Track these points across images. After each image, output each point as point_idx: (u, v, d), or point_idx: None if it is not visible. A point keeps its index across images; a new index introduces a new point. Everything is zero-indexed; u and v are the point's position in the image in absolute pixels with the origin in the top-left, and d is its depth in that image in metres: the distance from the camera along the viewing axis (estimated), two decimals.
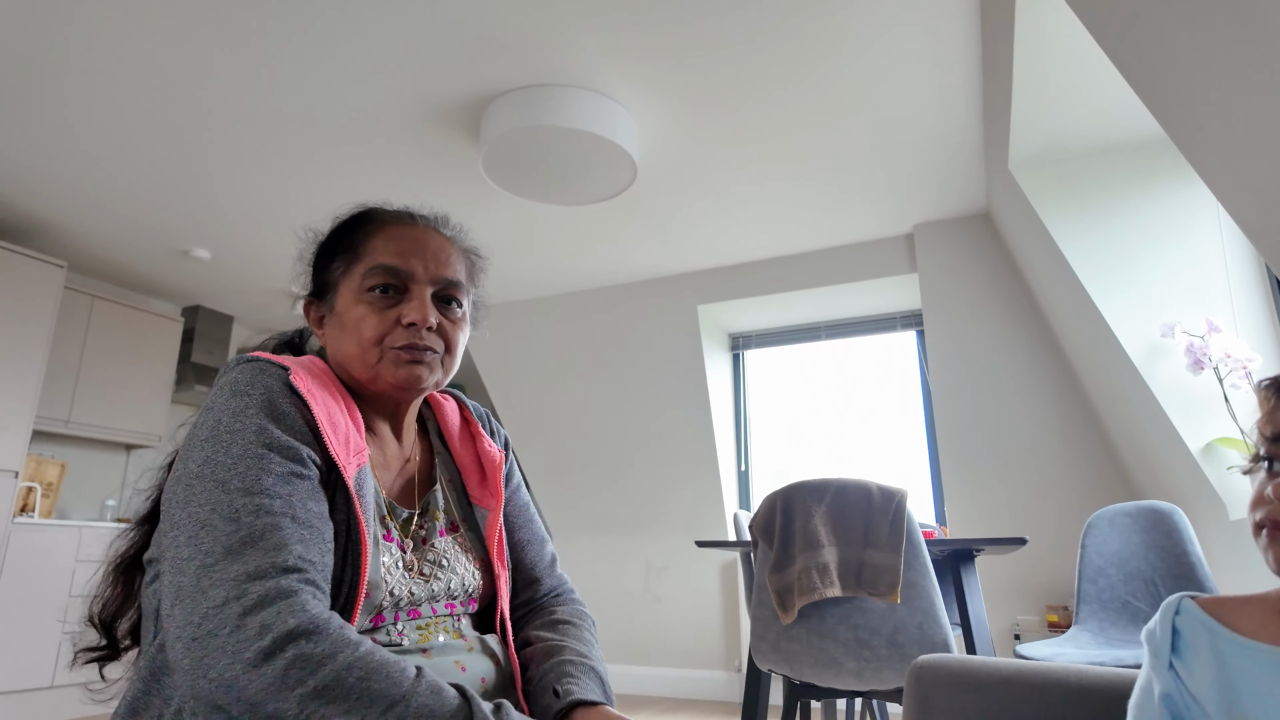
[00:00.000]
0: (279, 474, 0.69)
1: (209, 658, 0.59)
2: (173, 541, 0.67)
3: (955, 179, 3.30)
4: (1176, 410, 2.44)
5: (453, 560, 0.87)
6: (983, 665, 0.93)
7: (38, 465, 3.93)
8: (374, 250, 0.86)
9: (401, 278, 0.85)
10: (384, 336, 0.83)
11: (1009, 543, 1.77)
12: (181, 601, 0.62)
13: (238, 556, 0.64)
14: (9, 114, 2.81)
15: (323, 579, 0.68)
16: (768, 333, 4.56)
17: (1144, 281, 2.61)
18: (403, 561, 0.82)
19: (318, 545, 0.69)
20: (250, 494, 0.67)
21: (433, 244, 0.88)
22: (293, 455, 0.71)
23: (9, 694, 3.33)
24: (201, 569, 0.64)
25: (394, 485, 0.89)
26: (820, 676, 1.67)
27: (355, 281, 0.85)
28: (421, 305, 0.84)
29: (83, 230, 3.78)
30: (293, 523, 0.68)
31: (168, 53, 2.47)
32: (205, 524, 0.66)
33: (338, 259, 0.88)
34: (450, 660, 0.80)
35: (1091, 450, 3.32)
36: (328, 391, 0.80)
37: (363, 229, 0.89)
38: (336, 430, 0.77)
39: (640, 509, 4.40)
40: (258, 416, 0.72)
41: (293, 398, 0.75)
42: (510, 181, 2.97)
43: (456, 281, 0.88)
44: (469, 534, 0.92)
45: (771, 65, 2.53)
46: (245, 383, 0.74)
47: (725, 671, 4.01)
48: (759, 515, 1.77)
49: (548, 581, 0.99)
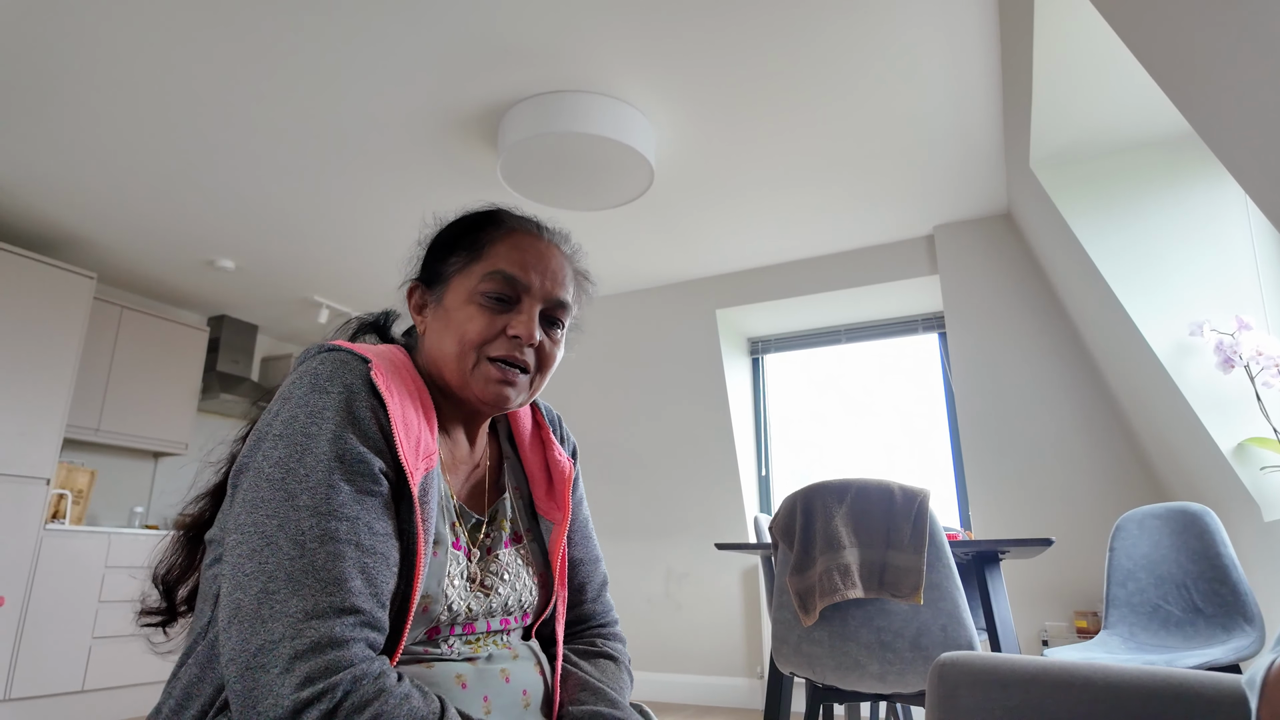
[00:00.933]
0: (349, 492, 0.69)
1: (258, 690, 0.62)
2: (235, 547, 0.68)
3: (975, 179, 3.27)
4: (1206, 410, 2.39)
5: (513, 575, 0.86)
6: (1008, 663, 0.91)
7: (68, 473, 4.00)
8: (497, 255, 0.85)
9: (517, 289, 0.84)
10: (486, 342, 0.83)
11: (1035, 544, 1.74)
12: (240, 623, 0.65)
13: (298, 588, 0.65)
14: (42, 130, 2.88)
15: (380, 613, 0.69)
16: (787, 337, 4.54)
17: (1171, 280, 2.57)
18: (466, 571, 0.81)
19: (381, 571, 0.70)
20: (318, 515, 0.67)
21: (552, 261, 0.88)
22: (365, 470, 0.71)
23: (41, 698, 3.38)
24: (263, 594, 0.65)
25: (463, 489, 0.88)
26: (843, 679, 1.66)
27: (472, 281, 0.85)
28: (530, 320, 0.84)
29: (112, 242, 3.86)
30: (357, 550, 0.68)
31: (191, 66, 2.51)
32: (271, 541, 0.67)
33: (458, 254, 0.88)
34: (497, 669, 0.80)
35: (1119, 452, 3.26)
36: (406, 388, 0.79)
37: (489, 230, 0.88)
38: (409, 433, 0.76)
39: (660, 515, 4.39)
40: (334, 420, 0.71)
41: (370, 398, 0.74)
42: (528, 188, 2.99)
43: (566, 303, 0.88)
44: (532, 545, 0.90)
45: (788, 68, 2.53)
46: (326, 377, 0.73)
47: (747, 678, 3.98)
48: (779, 517, 1.76)
49: (595, 608, 0.98)
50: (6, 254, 3.56)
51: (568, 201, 3.11)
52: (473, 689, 0.77)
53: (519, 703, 0.80)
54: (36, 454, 3.54)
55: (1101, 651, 2.12)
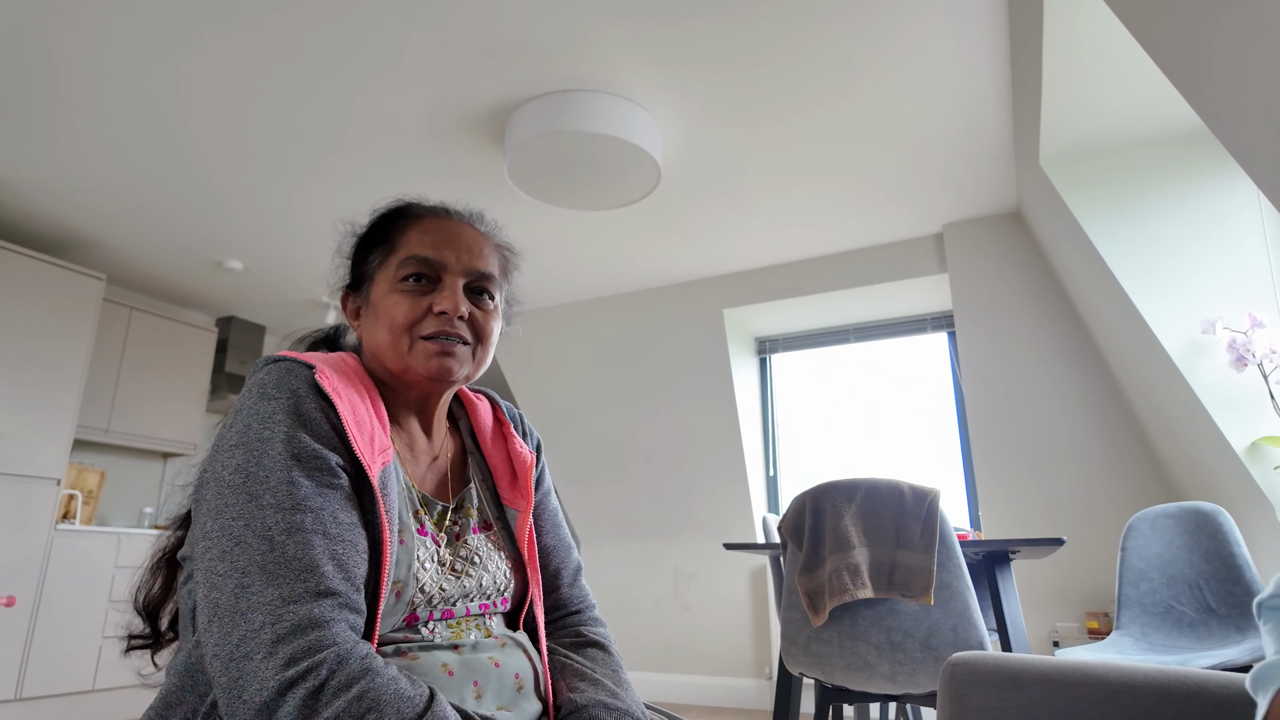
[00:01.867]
0: (310, 486, 0.71)
1: (243, 679, 0.62)
2: (206, 552, 0.69)
3: (985, 177, 3.25)
4: (1219, 409, 2.37)
5: (485, 557, 0.87)
6: (1020, 662, 0.90)
7: (78, 473, 4.02)
8: (409, 242, 0.88)
9: (434, 268, 0.86)
10: (415, 323, 0.84)
11: (1046, 543, 1.72)
12: (219, 619, 0.65)
13: (273, 579, 0.66)
14: (52, 132, 2.89)
15: (356, 595, 0.70)
16: (795, 336, 4.52)
17: (1183, 277, 2.54)
18: (437, 556, 0.82)
19: (351, 558, 0.71)
20: (282, 510, 0.68)
21: (466, 237, 0.90)
22: (322, 465, 0.72)
23: (52, 697, 3.40)
24: (239, 589, 0.65)
25: (425, 479, 0.89)
26: (853, 680, 1.64)
27: (390, 272, 0.87)
28: (453, 295, 0.85)
29: (120, 243, 3.88)
30: (324, 539, 0.69)
31: (199, 68, 2.52)
32: (239, 540, 0.67)
33: (375, 251, 0.90)
34: (484, 657, 0.80)
35: (1130, 452, 3.23)
36: (354, 388, 0.81)
37: (399, 222, 0.91)
38: (362, 429, 0.77)
39: (668, 515, 4.38)
40: (285, 422, 0.73)
41: (319, 400, 0.76)
42: (535, 188, 2.99)
43: (488, 274, 0.90)
44: (501, 533, 0.92)
45: (795, 65, 2.52)
46: (273, 385, 0.75)
47: (755, 679, 3.96)
48: (788, 516, 1.75)
49: (571, 593, 0.99)
50: (17, 255, 3.58)
51: (574, 201, 3.10)
52: (460, 676, 0.77)
53: (511, 685, 0.81)
54: (47, 454, 3.56)
55: (1114, 652, 2.10)
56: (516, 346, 4.79)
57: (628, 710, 0.82)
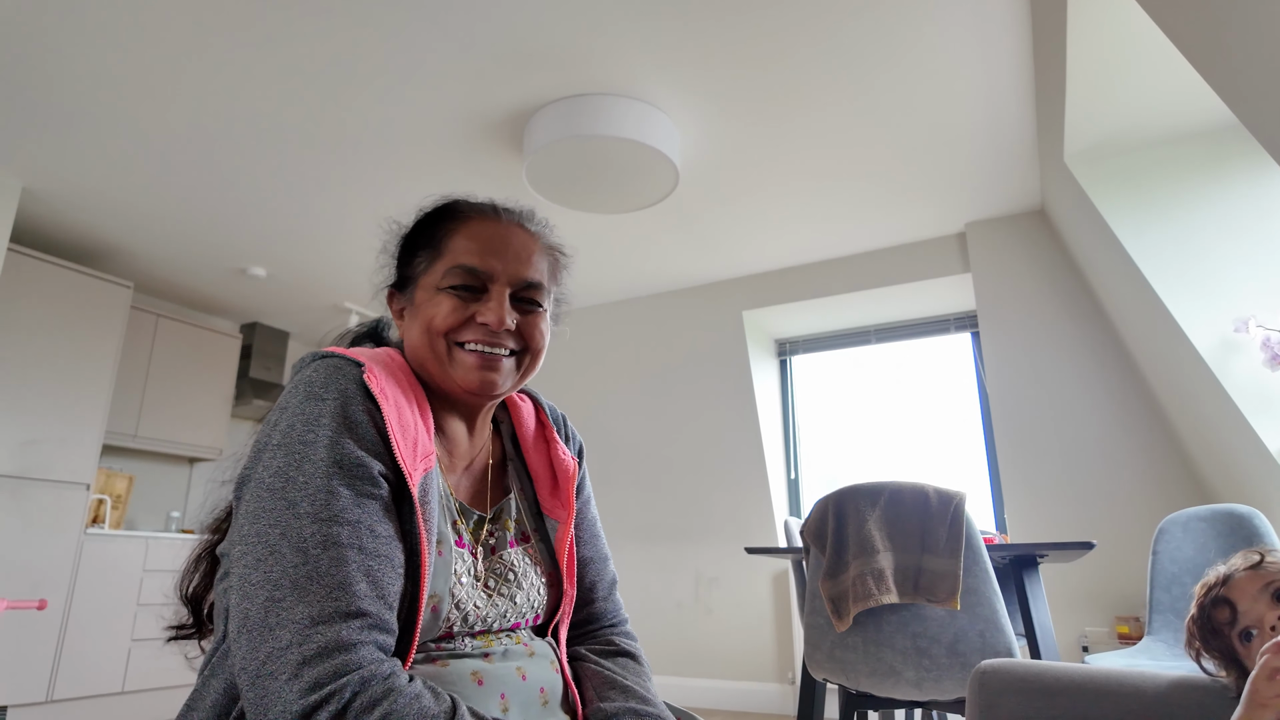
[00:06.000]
0: (349, 496, 0.69)
1: (268, 697, 0.62)
2: (241, 558, 0.68)
3: (1008, 175, 3.21)
4: (1253, 409, 2.31)
5: (520, 574, 0.85)
6: (1050, 670, 0.88)
7: (107, 478, 4.08)
8: (455, 249, 0.84)
9: (481, 278, 0.83)
10: (453, 329, 0.82)
11: (1075, 547, 1.69)
12: (248, 632, 0.65)
13: (304, 595, 0.65)
14: (79, 143, 2.94)
15: (388, 614, 0.69)
16: (816, 338, 4.49)
17: (1214, 275, 2.49)
18: (473, 570, 0.81)
19: (386, 573, 0.69)
20: (319, 521, 0.67)
21: (515, 242, 0.86)
22: (364, 474, 0.71)
23: (82, 699, 3.45)
24: (269, 602, 0.65)
25: (461, 485, 0.87)
26: (878, 686, 1.62)
27: (435, 279, 0.84)
28: (498, 307, 0.82)
29: (147, 252, 3.94)
30: (359, 554, 0.68)
31: (223, 78, 2.55)
32: (274, 549, 0.67)
33: (420, 253, 0.87)
34: (512, 666, 0.79)
35: (1161, 453, 3.17)
36: (400, 389, 0.79)
37: (445, 224, 0.87)
38: (406, 434, 0.75)
39: (688, 518, 4.36)
40: (330, 426, 0.71)
41: (366, 402, 0.74)
42: (554, 192, 2.99)
43: (537, 283, 0.86)
44: (539, 545, 0.90)
45: (814, 65, 2.50)
46: (320, 384, 0.74)
47: (779, 684, 3.93)
48: (810, 520, 1.73)
49: (605, 606, 0.97)
50: (47, 265, 3.64)
51: (593, 205, 3.10)
52: (489, 686, 0.76)
53: (537, 700, 0.79)
54: (77, 459, 3.62)
55: (1145, 659, 2.05)
56: None
57: (659, 716, 0.81)
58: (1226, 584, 0.81)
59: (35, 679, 3.28)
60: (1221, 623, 0.79)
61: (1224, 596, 0.80)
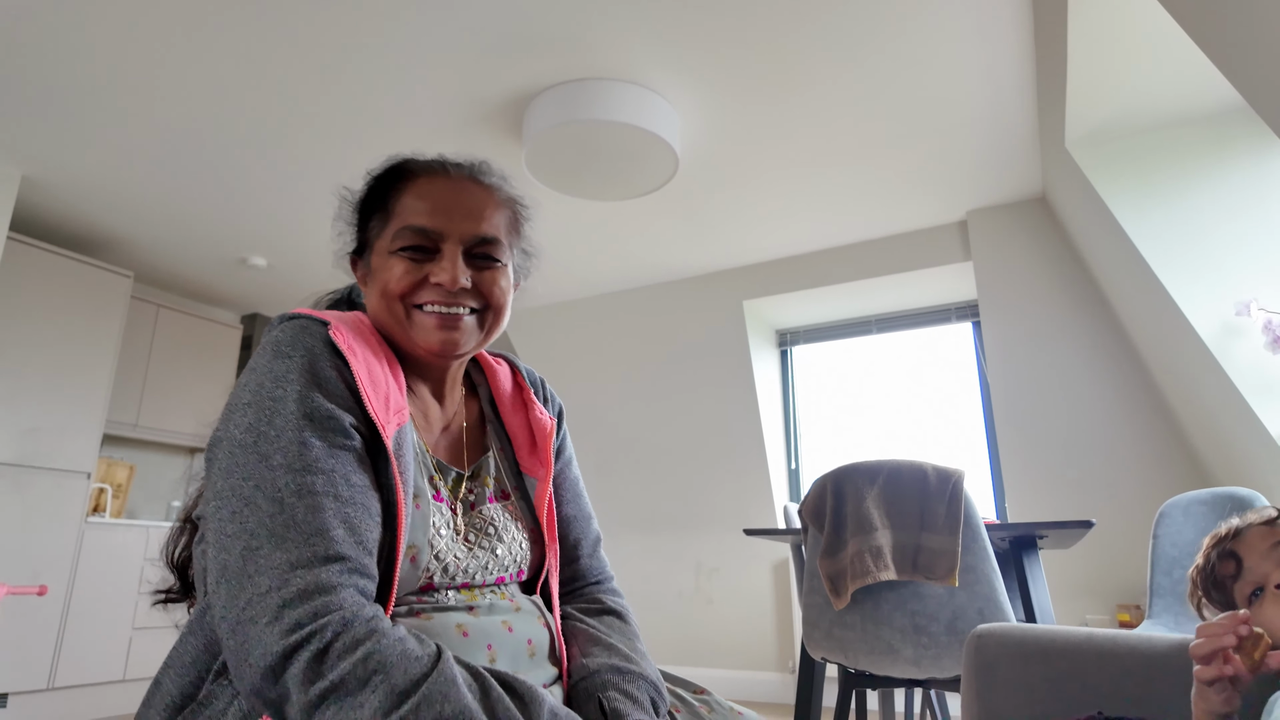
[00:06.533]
0: (321, 448, 0.69)
1: (249, 643, 0.62)
2: (216, 512, 0.68)
3: (1009, 162, 3.19)
4: (1254, 393, 2.30)
5: (500, 528, 0.85)
6: (1047, 632, 0.87)
7: (108, 467, 4.08)
8: (404, 210, 0.83)
9: (432, 238, 0.82)
10: (409, 292, 0.82)
11: (1074, 526, 1.69)
12: (227, 581, 0.64)
13: (281, 541, 0.65)
14: (79, 132, 2.94)
15: (367, 559, 0.69)
16: (816, 328, 4.48)
17: (1216, 259, 2.48)
18: (452, 524, 0.81)
19: (363, 520, 0.69)
20: (293, 471, 0.67)
21: (466, 198, 0.84)
22: (335, 426, 0.71)
23: (84, 687, 3.45)
24: (247, 551, 0.65)
25: (439, 444, 0.87)
26: (876, 664, 1.62)
27: (387, 242, 0.83)
28: (451, 266, 0.81)
29: (147, 242, 3.94)
30: (335, 501, 0.68)
31: (221, 66, 2.55)
32: (249, 501, 0.66)
33: (374, 217, 0.87)
34: (498, 620, 0.79)
35: (1161, 440, 3.16)
36: (369, 347, 0.79)
37: (393, 185, 0.86)
38: (377, 388, 0.75)
39: (689, 508, 4.36)
40: (299, 382, 0.71)
41: (333, 358, 0.74)
42: (553, 178, 2.98)
43: (492, 238, 0.85)
44: (520, 503, 0.90)
45: (815, 50, 2.49)
46: (287, 343, 0.74)
47: (779, 673, 3.93)
48: (809, 499, 1.73)
49: (588, 563, 0.97)
50: (47, 253, 3.64)
51: (593, 192, 3.10)
52: (475, 638, 0.75)
53: (524, 651, 0.79)
54: (77, 448, 3.62)
55: None
56: (536, 341, 4.80)
57: (641, 674, 0.80)
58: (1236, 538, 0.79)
59: (37, 666, 3.29)
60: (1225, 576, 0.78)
61: (1232, 550, 0.79)
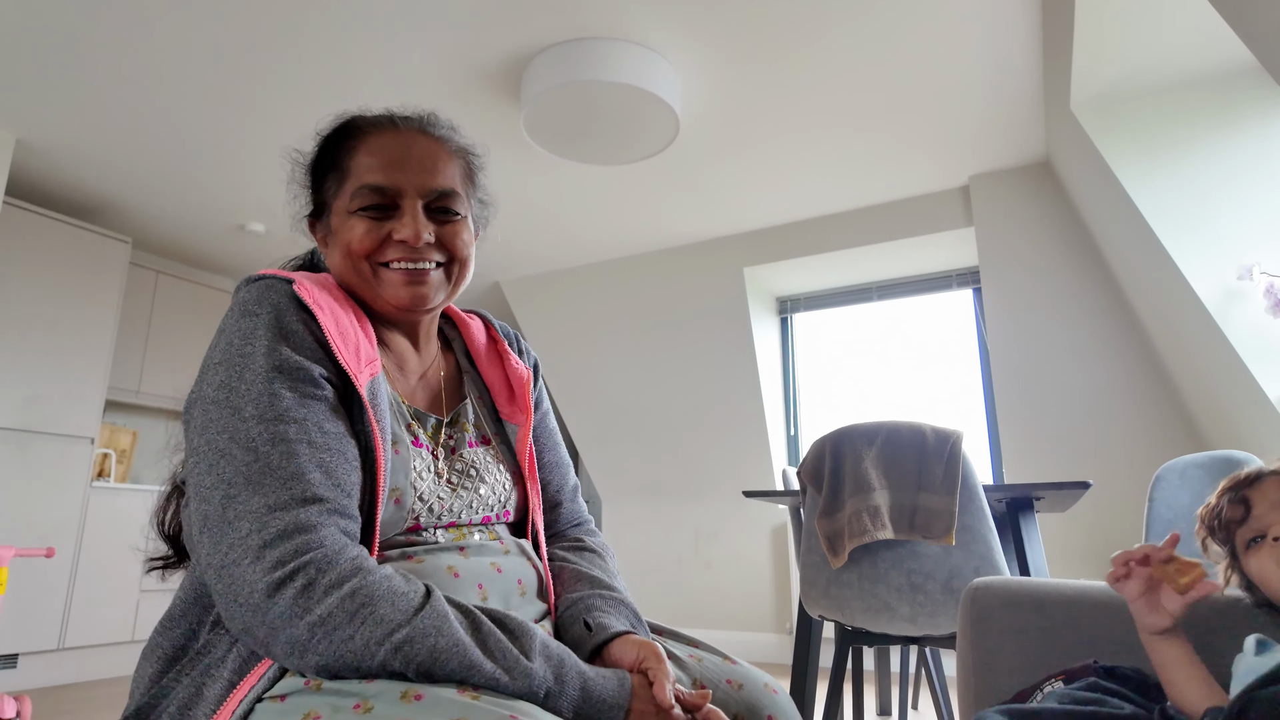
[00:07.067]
0: (292, 398, 0.70)
1: (235, 584, 0.63)
2: (194, 468, 0.69)
3: (1013, 126, 3.16)
4: (1254, 357, 2.31)
5: (482, 469, 0.87)
6: (1043, 585, 0.89)
7: (112, 433, 4.11)
8: (359, 168, 0.83)
9: (389, 194, 0.82)
10: (373, 251, 0.82)
11: (1071, 487, 1.70)
12: (209, 530, 0.66)
13: (258, 487, 0.66)
14: (76, 97, 2.90)
15: (347, 501, 0.70)
16: (817, 295, 4.47)
17: (1220, 222, 2.47)
18: (433, 468, 0.82)
19: (340, 465, 0.70)
20: (265, 421, 0.68)
21: (419, 151, 0.84)
22: (305, 376, 0.72)
23: (92, 648, 3.51)
24: (226, 499, 0.66)
25: (417, 393, 0.88)
26: (873, 622, 1.65)
27: (345, 202, 0.83)
28: (413, 221, 0.81)
29: (145, 208, 3.91)
30: (309, 447, 0.69)
31: (217, 31, 2.51)
32: (224, 453, 0.68)
33: (329, 177, 0.86)
34: (486, 561, 0.80)
35: (1159, 406, 3.17)
36: (336, 301, 0.79)
37: (345, 143, 0.86)
38: (346, 340, 0.76)
39: (689, 475, 4.39)
40: (267, 336, 0.72)
41: (300, 312, 0.75)
42: (552, 142, 2.95)
43: (449, 190, 0.84)
44: (500, 448, 0.92)
45: (815, 10, 2.45)
46: (253, 301, 0.75)
47: (777, 634, 4.00)
48: (807, 460, 1.74)
49: (570, 507, 1.00)
50: (45, 219, 3.62)
51: (592, 155, 3.07)
52: (465, 578, 0.77)
53: (515, 590, 0.81)
54: (80, 414, 3.64)
55: None
56: (536, 309, 4.79)
57: (621, 600, 0.83)
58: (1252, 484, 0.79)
59: (47, 627, 3.34)
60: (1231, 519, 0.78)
61: (1244, 496, 0.78)
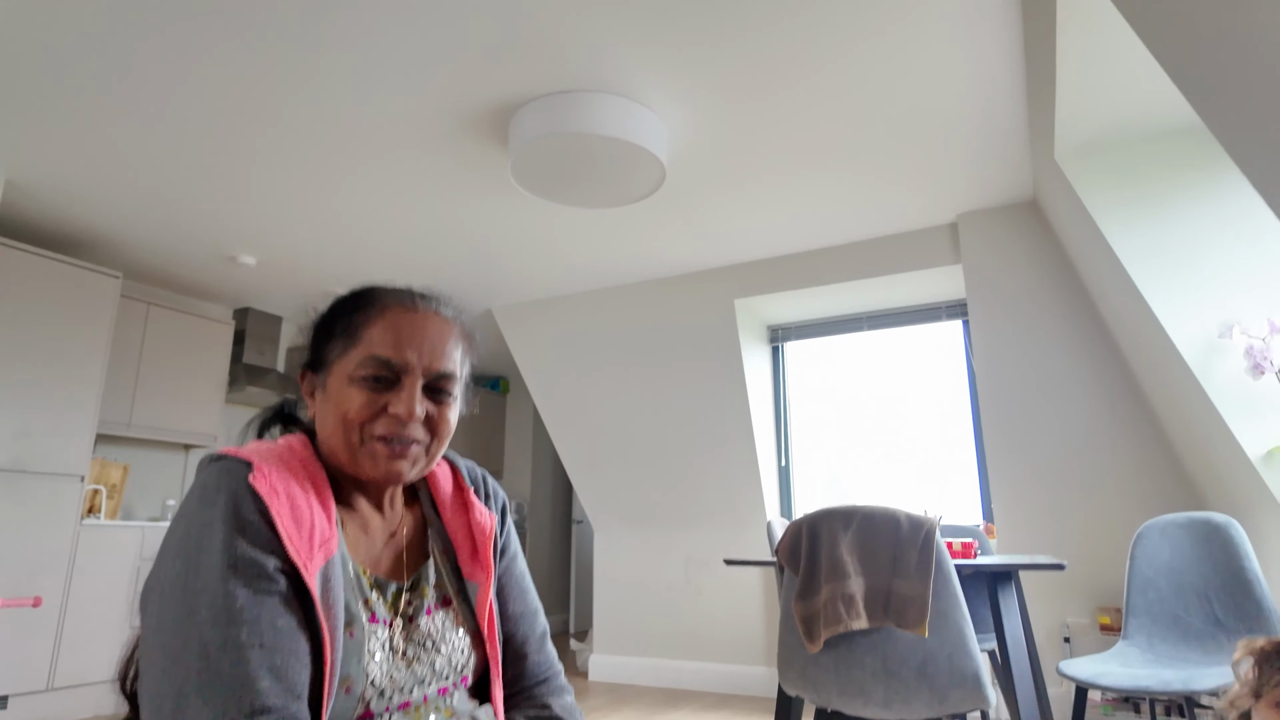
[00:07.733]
0: (246, 595, 0.71)
1: None
2: (149, 668, 0.71)
3: (1000, 165, 3.17)
4: (1235, 414, 2.31)
5: (439, 638, 0.87)
6: None
7: (102, 468, 4.11)
8: (371, 339, 0.86)
9: (394, 369, 0.85)
10: (367, 421, 0.84)
11: (1047, 568, 1.71)
12: None
13: (208, 698, 0.67)
14: (65, 133, 2.91)
15: (296, 704, 0.71)
16: (807, 324, 4.48)
17: (1201, 277, 2.47)
18: (389, 643, 0.83)
19: (291, 665, 0.72)
20: (218, 625, 0.70)
21: (431, 332, 0.88)
22: (259, 571, 0.73)
23: (80, 686, 3.52)
24: (176, 709, 0.68)
25: (381, 558, 0.89)
26: (848, 705, 1.65)
27: (349, 367, 0.85)
28: (410, 398, 0.84)
29: (136, 242, 3.91)
30: (261, 651, 0.70)
31: (207, 69, 2.51)
32: (177, 658, 0.69)
33: (337, 339, 0.89)
34: None
35: (1147, 446, 3.18)
36: (296, 480, 0.80)
37: (363, 311, 0.89)
38: (301, 526, 0.77)
39: (679, 503, 4.40)
40: (222, 529, 0.74)
41: (256, 501, 0.76)
42: (539, 187, 2.96)
43: (449, 373, 0.88)
44: (462, 607, 0.92)
45: (803, 52, 2.45)
46: (212, 488, 0.76)
47: (766, 667, 4.00)
48: (784, 542, 1.75)
49: (536, 659, 0.99)
50: (35, 257, 3.63)
51: (579, 199, 3.07)
52: None
53: None
54: (70, 451, 3.64)
55: (1117, 664, 2.09)
56: (529, 338, 4.80)
57: None
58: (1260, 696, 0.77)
59: (35, 667, 3.35)
60: None
61: None
